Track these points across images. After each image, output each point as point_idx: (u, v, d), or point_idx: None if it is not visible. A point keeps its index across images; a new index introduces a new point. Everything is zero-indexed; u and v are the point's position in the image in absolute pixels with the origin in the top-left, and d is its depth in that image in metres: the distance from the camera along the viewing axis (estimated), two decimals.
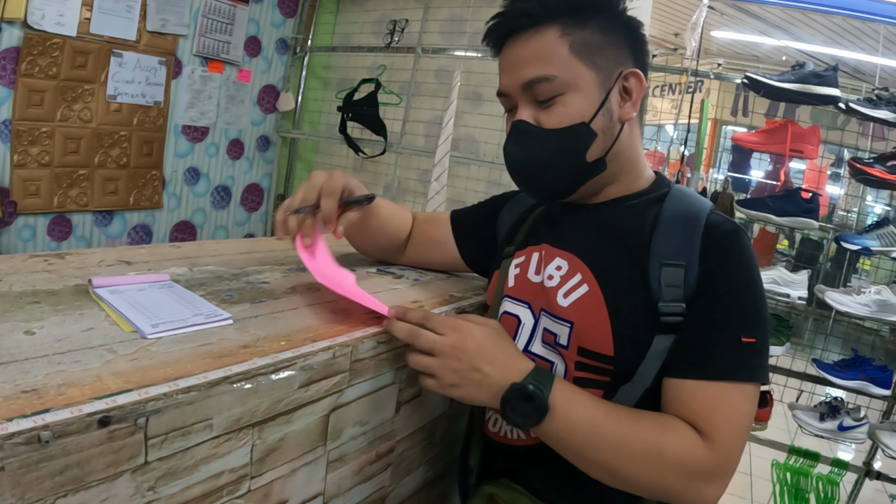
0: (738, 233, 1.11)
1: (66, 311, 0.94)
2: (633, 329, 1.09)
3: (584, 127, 1.13)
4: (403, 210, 1.56)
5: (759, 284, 1.09)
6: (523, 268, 1.29)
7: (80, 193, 3.63)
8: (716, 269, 1.07)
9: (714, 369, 1.03)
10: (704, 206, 1.16)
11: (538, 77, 1.12)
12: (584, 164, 1.16)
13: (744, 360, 1.03)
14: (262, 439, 0.88)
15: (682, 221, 1.13)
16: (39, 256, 1.20)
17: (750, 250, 1.10)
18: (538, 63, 1.12)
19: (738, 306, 1.06)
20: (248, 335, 0.95)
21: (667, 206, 1.17)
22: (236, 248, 1.51)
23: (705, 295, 1.07)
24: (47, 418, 0.64)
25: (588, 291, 1.15)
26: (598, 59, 1.13)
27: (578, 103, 1.13)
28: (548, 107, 1.14)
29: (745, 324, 1.04)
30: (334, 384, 0.98)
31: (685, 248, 1.10)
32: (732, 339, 1.03)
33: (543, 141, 1.15)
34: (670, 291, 1.08)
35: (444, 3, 4.10)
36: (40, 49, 3.24)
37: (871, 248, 2.98)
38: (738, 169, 4.44)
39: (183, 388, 0.75)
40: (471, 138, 4.02)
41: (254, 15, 4.33)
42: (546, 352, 1.20)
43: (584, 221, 1.25)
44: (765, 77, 2.95)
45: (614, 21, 1.17)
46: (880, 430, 2.99)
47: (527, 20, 1.14)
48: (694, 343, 1.05)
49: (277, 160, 4.85)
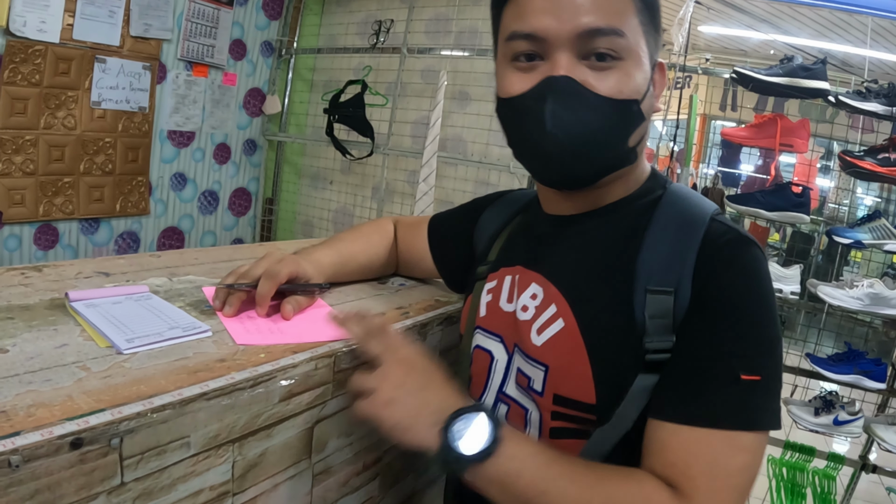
0: (745, 241, 0.91)
1: (39, 326, 0.92)
2: (618, 372, 0.90)
3: (637, 105, 0.95)
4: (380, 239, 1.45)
5: (770, 306, 0.88)
6: (496, 294, 1.13)
7: (66, 201, 3.60)
8: (711, 284, 0.88)
9: (697, 412, 0.83)
10: (705, 211, 0.96)
11: (609, 28, 0.91)
12: (626, 148, 0.98)
13: (740, 402, 0.82)
14: (243, 455, 0.86)
15: (675, 232, 0.94)
16: (16, 269, 1.18)
17: (761, 264, 0.90)
18: (608, 12, 0.91)
19: (737, 332, 0.85)
20: (225, 348, 0.92)
21: (659, 213, 0.98)
22: (218, 255, 1.49)
23: (696, 316, 0.88)
24: (17, 442, 0.62)
25: (564, 328, 0.97)
26: (649, 36, 0.97)
27: (637, 76, 0.94)
28: (603, 69, 0.93)
29: (747, 356, 0.84)
30: (317, 396, 0.96)
31: (676, 266, 0.91)
32: (726, 374, 0.83)
33: (596, 110, 0.92)
34: (656, 324, 0.89)
35: (429, 3, 4.08)
36: (22, 56, 3.21)
37: (863, 242, 2.97)
38: (727, 164, 4.45)
39: (157, 406, 0.73)
40: (458, 138, 4.00)
41: (238, 18, 4.30)
42: (520, 396, 1.05)
43: (565, 237, 1.07)
44: (753, 71, 2.94)
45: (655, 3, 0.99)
46: (875, 424, 2.98)
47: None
48: (678, 377, 0.87)
49: (264, 164, 4.83)
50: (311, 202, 4.86)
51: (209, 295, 1.18)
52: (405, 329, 1.17)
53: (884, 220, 2.96)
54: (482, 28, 3.82)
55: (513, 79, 0.98)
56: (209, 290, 1.21)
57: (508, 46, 0.97)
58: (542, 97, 0.93)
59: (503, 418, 0.90)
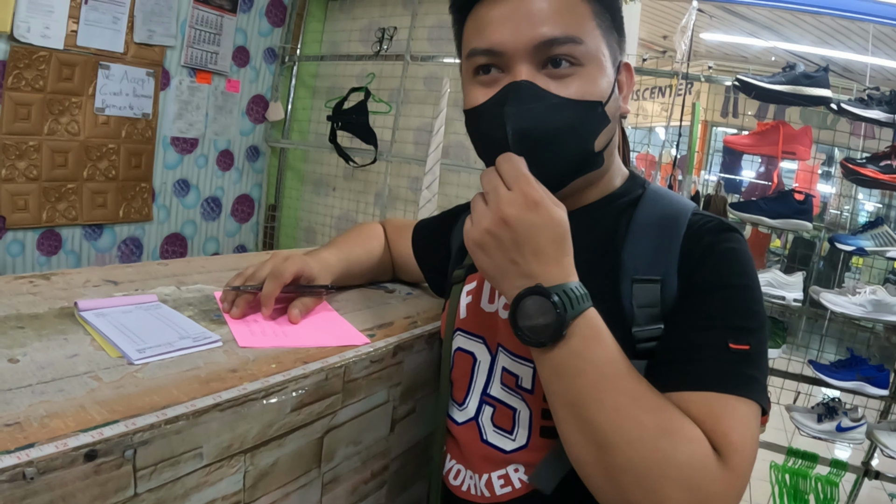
0: (726, 227, 0.94)
1: (50, 335, 0.92)
2: None
3: (601, 107, 0.94)
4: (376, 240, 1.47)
5: (754, 285, 0.90)
6: (476, 295, 1.12)
7: (69, 207, 3.60)
8: (697, 268, 0.90)
9: (692, 378, 0.82)
10: (686, 207, 0.99)
11: (566, 36, 0.90)
12: (591, 151, 0.96)
13: (732, 369, 0.82)
14: (255, 465, 0.86)
15: (658, 227, 0.96)
16: (24, 278, 1.18)
17: (743, 247, 0.92)
18: (563, 20, 0.91)
19: (724, 306, 0.87)
20: (236, 358, 0.93)
21: (640, 210, 1.00)
22: (224, 263, 1.49)
23: (684, 300, 0.90)
24: (32, 454, 0.62)
25: None
26: (610, 38, 0.97)
27: (599, 80, 0.94)
28: (563, 76, 0.92)
29: (735, 328, 0.85)
30: (327, 406, 0.96)
31: (661, 258, 0.93)
32: (716, 343, 0.83)
33: (557, 109, 0.91)
34: (644, 313, 0.90)
35: (432, 10, 4.09)
36: (26, 62, 3.22)
37: (865, 249, 2.98)
38: (729, 170, 4.44)
39: (171, 417, 0.73)
40: (461, 145, 3.99)
41: (241, 24, 4.30)
42: (506, 395, 1.03)
43: None
44: (756, 79, 2.95)
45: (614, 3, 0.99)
46: (878, 430, 2.98)
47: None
48: (670, 352, 0.87)
49: (267, 170, 4.83)
50: (313, 208, 4.86)
51: (220, 299, 1.19)
52: (413, 338, 1.17)
53: (886, 227, 2.96)
54: None
55: (476, 92, 0.97)
56: (220, 293, 1.22)
57: (470, 62, 0.98)
58: (503, 101, 0.92)
59: (587, 307, 0.82)
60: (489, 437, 1.05)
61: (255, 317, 1.12)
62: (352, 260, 1.36)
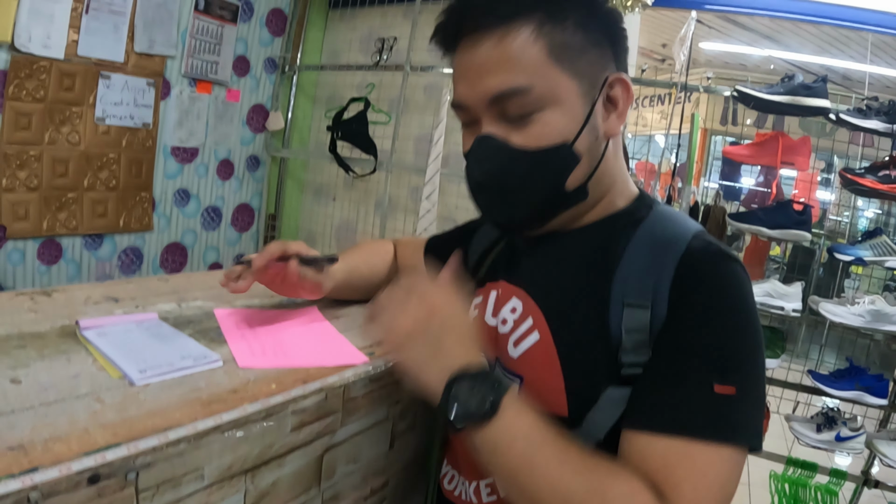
0: (725, 256, 0.91)
1: (52, 355, 0.93)
2: (591, 385, 0.91)
3: (566, 149, 0.95)
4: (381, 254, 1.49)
5: (749, 320, 0.88)
6: (481, 310, 1.14)
7: (70, 216, 3.61)
8: (687, 297, 0.88)
9: (673, 421, 0.82)
10: (687, 230, 0.95)
11: (510, 89, 0.92)
12: (563, 193, 0.98)
13: (715, 414, 0.81)
14: (255, 484, 0.86)
15: (655, 248, 0.94)
16: (26, 294, 1.19)
17: (740, 278, 0.89)
18: (509, 71, 0.92)
19: (710, 343, 0.85)
20: (237, 378, 0.93)
21: (641, 231, 0.98)
22: None
23: (671, 331, 0.88)
24: (35, 478, 0.62)
25: (539, 341, 0.98)
26: (580, 64, 0.94)
27: (559, 120, 0.94)
28: (521, 125, 0.94)
29: (720, 367, 0.83)
30: (327, 425, 0.97)
31: (652, 281, 0.90)
32: (700, 385, 0.83)
33: (515, 161, 0.95)
34: (632, 339, 0.88)
35: (432, 20, 3.99)
36: (27, 72, 3.22)
37: (864, 259, 2.98)
38: (729, 178, 4.46)
39: (172, 440, 0.73)
40: (461, 155, 3.96)
41: (242, 34, 4.31)
42: None
43: (544, 252, 1.07)
44: (754, 90, 2.96)
45: (595, 15, 0.97)
46: (877, 440, 2.99)
47: (492, 18, 0.92)
48: (652, 387, 0.86)
49: (267, 179, 4.83)
50: (314, 218, 4.87)
51: (219, 316, 1.20)
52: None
53: (885, 237, 2.97)
54: None
55: (464, 140, 1.04)
56: (220, 311, 1.23)
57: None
58: (471, 154, 1.00)
59: (511, 384, 0.87)
60: None
61: (255, 334, 1.13)
62: (354, 272, 1.37)
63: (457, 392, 0.85)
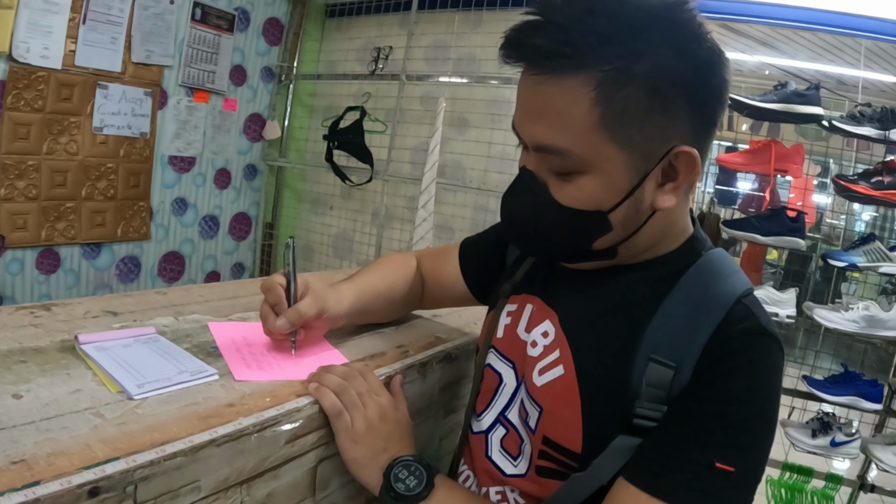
0: (761, 333, 0.86)
1: (53, 371, 0.94)
2: (607, 428, 0.90)
3: (600, 216, 0.89)
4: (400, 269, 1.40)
5: (767, 406, 0.85)
6: (515, 319, 1.12)
7: (68, 226, 3.63)
8: (713, 368, 0.85)
9: (663, 486, 0.82)
10: (731, 292, 0.90)
11: (551, 147, 0.86)
12: (588, 251, 0.94)
13: (708, 489, 0.80)
14: (251, 496, 0.88)
15: (695, 308, 0.89)
16: (26, 308, 1.20)
17: (771, 358, 0.86)
18: (555, 128, 0.85)
19: (724, 422, 0.83)
20: (233, 392, 0.95)
21: (684, 282, 0.92)
22: (222, 292, 1.51)
23: (690, 396, 0.86)
24: (38, 491, 0.64)
25: (563, 376, 0.96)
26: (636, 134, 0.84)
27: (597, 189, 0.87)
28: (560, 178, 0.88)
29: (727, 445, 0.81)
30: (321, 437, 0.98)
31: (685, 344, 0.87)
32: (701, 458, 0.81)
33: (547, 208, 0.90)
34: (650, 392, 0.87)
35: (428, 30, 4.13)
36: (25, 82, 3.25)
37: (857, 265, 3.00)
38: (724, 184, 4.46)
39: (170, 453, 0.75)
40: (457, 164, 4.03)
41: (238, 44, 4.34)
42: (520, 425, 1.06)
43: (583, 285, 1.02)
44: (748, 98, 2.98)
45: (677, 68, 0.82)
46: (873, 445, 3.00)
47: (556, 62, 0.82)
48: (657, 448, 0.85)
49: (265, 189, 4.86)
50: (311, 227, 4.89)
51: (214, 330, 1.21)
52: (405, 367, 1.18)
53: (878, 243, 2.98)
54: (480, 55, 3.88)
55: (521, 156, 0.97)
56: (214, 325, 1.24)
57: None
58: (512, 187, 0.97)
59: (439, 471, 1.00)
60: (493, 455, 1.10)
61: (251, 348, 1.15)
62: (368, 292, 1.30)
63: (397, 473, 0.96)
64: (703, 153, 0.88)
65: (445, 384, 1.32)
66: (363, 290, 1.29)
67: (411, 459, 0.98)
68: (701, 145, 0.88)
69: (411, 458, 0.98)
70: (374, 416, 1.00)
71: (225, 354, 1.10)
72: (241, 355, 1.11)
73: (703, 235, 1.03)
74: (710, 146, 0.92)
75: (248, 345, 1.16)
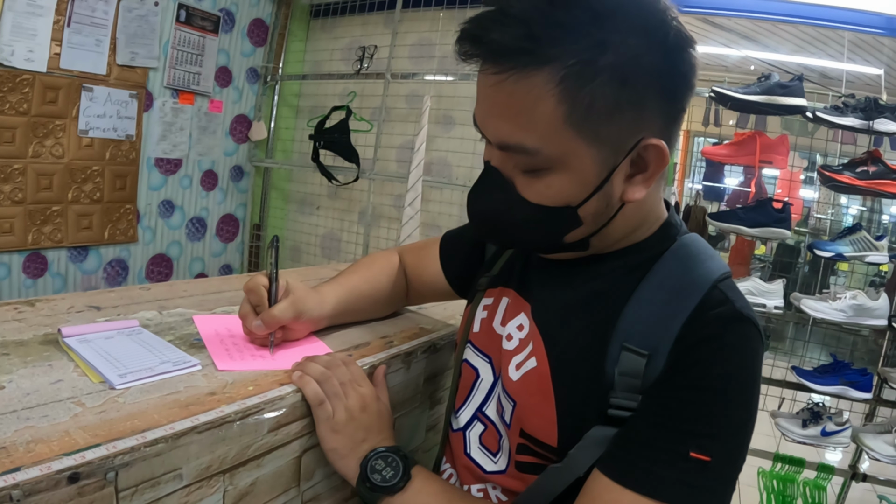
0: (737, 318, 0.84)
1: (34, 362, 0.94)
2: (582, 420, 0.87)
3: (569, 211, 0.86)
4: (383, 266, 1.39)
5: (745, 392, 0.83)
6: (491, 313, 1.11)
7: (55, 230, 3.61)
8: (688, 355, 0.82)
9: (638, 477, 0.80)
10: (707, 276, 0.88)
11: (514, 146, 0.83)
12: (559, 243, 0.93)
13: (683, 479, 0.78)
14: (234, 485, 0.88)
15: (668, 294, 0.87)
16: (10, 304, 1.20)
17: (748, 344, 0.83)
18: (520, 126, 0.81)
19: (699, 410, 0.81)
20: (215, 381, 0.95)
21: (658, 268, 0.91)
22: (206, 287, 1.51)
23: (665, 384, 0.83)
24: (17, 477, 0.64)
25: (535, 368, 0.95)
26: (604, 129, 0.81)
27: (565, 186, 0.85)
28: (527, 175, 0.86)
29: (702, 434, 0.79)
30: (304, 426, 0.99)
31: (659, 331, 0.85)
32: (676, 448, 0.79)
33: (515, 206, 0.88)
34: (624, 382, 0.84)
35: (412, 28, 4.13)
36: (10, 85, 3.23)
37: (843, 255, 3.01)
38: (711, 179, 4.48)
39: (150, 440, 0.75)
40: (443, 162, 4.04)
41: (223, 45, 4.33)
42: (497, 420, 1.05)
43: (558, 276, 1.01)
44: (731, 90, 2.99)
45: (646, 57, 0.79)
46: (863, 434, 3.01)
47: (509, 59, 0.78)
48: (631, 438, 0.83)
49: (252, 190, 4.85)
50: (298, 227, 4.88)
51: (199, 322, 1.21)
52: (389, 357, 1.19)
53: (864, 233, 3.00)
54: None
55: (485, 150, 0.94)
56: (199, 317, 1.24)
57: None
58: (478, 183, 0.94)
59: (416, 461, 1.00)
60: (472, 452, 1.09)
61: (234, 339, 1.15)
62: (352, 293, 1.30)
63: (374, 465, 0.97)
64: (671, 141, 0.86)
65: (430, 375, 1.32)
66: (347, 291, 1.29)
67: (388, 450, 0.99)
68: (669, 133, 0.86)
69: (388, 449, 0.99)
70: (355, 406, 1.00)
71: (208, 345, 1.10)
72: (225, 346, 1.11)
73: (678, 220, 1.01)
74: (678, 132, 0.90)
75: (232, 336, 1.16)
